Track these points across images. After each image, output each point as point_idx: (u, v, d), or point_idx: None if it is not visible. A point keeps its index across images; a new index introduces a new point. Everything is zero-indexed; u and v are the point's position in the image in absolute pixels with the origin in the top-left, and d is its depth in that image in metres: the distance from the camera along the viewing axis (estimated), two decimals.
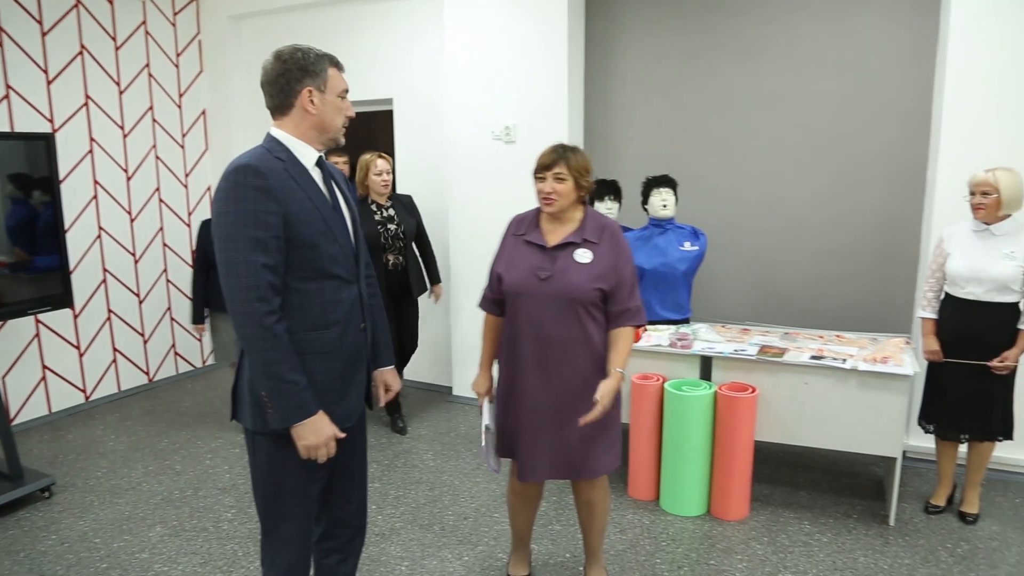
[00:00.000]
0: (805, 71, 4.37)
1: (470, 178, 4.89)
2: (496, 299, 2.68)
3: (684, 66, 4.67)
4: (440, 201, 5.06)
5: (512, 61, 4.71)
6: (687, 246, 3.91)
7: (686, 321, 4.03)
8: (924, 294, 3.46)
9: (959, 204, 3.39)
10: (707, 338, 3.79)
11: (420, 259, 4.63)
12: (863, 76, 4.23)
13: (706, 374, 3.65)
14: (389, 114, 5.46)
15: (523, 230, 2.62)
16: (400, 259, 4.43)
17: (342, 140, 2.16)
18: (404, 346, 4.66)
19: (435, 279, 4.76)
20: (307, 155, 2.06)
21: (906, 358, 3.40)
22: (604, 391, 2.44)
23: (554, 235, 2.56)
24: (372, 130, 5.51)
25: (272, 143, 2.04)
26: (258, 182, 1.90)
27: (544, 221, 2.61)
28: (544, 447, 2.60)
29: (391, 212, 4.42)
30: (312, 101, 2.01)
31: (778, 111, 4.47)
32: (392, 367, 2.45)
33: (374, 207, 4.35)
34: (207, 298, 4.46)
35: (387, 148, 5.28)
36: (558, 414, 2.56)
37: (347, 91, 2.09)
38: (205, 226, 4.31)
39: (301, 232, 1.97)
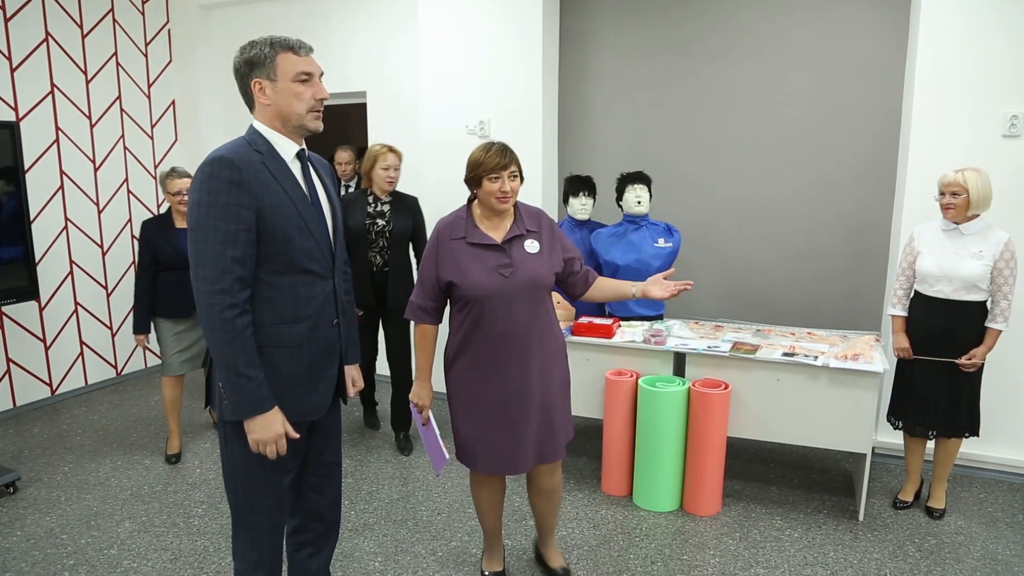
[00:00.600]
0: (779, 68, 4.40)
1: (443, 172, 4.86)
2: (434, 308, 2.65)
3: (659, 62, 4.68)
4: (412, 192, 5.01)
5: (487, 55, 4.69)
6: (661, 243, 3.92)
7: (660, 317, 4.04)
8: (894, 292, 3.50)
9: (929, 204, 3.44)
10: (681, 334, 3.81)
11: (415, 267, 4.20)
12: (837, 74, 4.27)
13: (679, 370, 3.66)
14: (363, 107, 5.41)
15: (461, 233, 2.60)
16: (382, 260, 4.10)
17: (312, 126, 2.07)
18: (395, 362, 4.28)
19: None
20: (286, 148, 2.05)
21: (876, 355, 3.44)
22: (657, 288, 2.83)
23: (498, 231, 2.61)
24: (346, 123, 5.46)
25: (253, 135, 2.04)
26: (231, 175, 1.90)
27: (480, 220, 2.63)
28: (525, 439, 2.63)
29: (385, 208, 4.11)
30: (264, 92, 2.00)
31: (753, 108, 4.49)
32: (356, 365, 2.43)
33: (371, 199, 4.13)
34: (153, 304, 4.04)
35: (360, 141, 5.23)
36: (540, 401, 2.63)
37: (307, 73, 2.01)
38: (148, 226, 4.00)
39: (275, 225, 1.96)
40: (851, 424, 3.35)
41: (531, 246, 2.60)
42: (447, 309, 2.70)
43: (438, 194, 4.88)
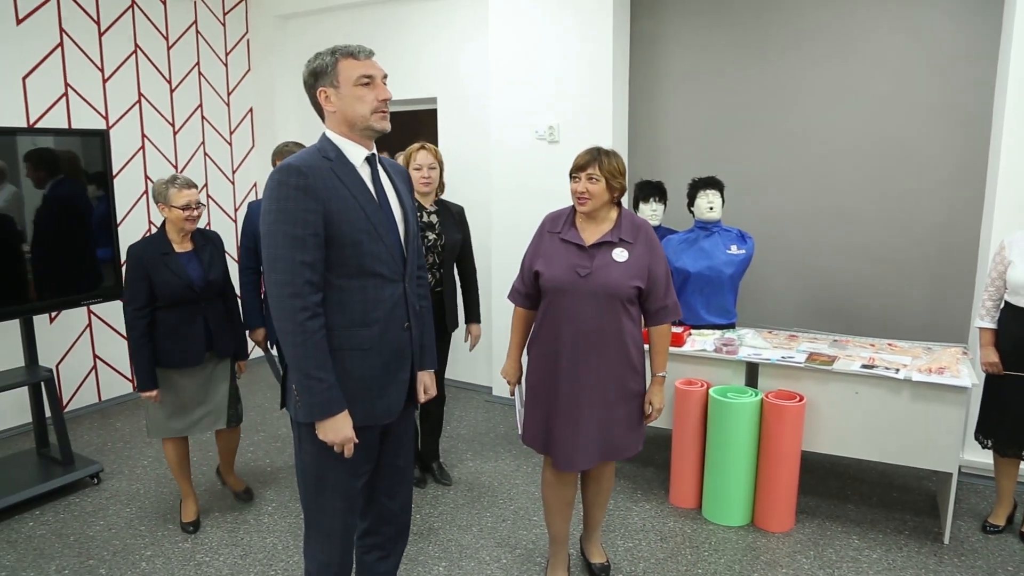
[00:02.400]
0: (860, 68, 4.24)
1: (513, 177, 4.86)
2: (528, 293, 2.79)
3: (732, 64, 4.58)
4: (482, 200, 5.04)
5: (556, 60, 4.67)
6: (734, 249, 3.82)
7: (732, 326, 3.94)
8: (983, 303, 3.32)
9: (1021, 210, 3.25)
10: (753, 344, 3.70)
11: (459, 287, 3.84)
12: (922, 73, 4.09)
13: (752, 381, 3.56)
14: (433, 113, 5.47)
15: (559, 228, 2.71)
16: (433, 280, 3.59)
17: (379, 127, 2.08)
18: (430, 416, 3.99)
19: (473, 316, 3.86)
20: (355, 153, 2.09)
21: (963, 369, 3.27)
22: (657, 398, 2.79)
23: (591, 234, 2.66)
24: (416, 129, 5.52)
25: (324, 143, 2.10)
26: (299, 181, 1.95)
27: (580, 220, 2.70)
28: (580, 436, 2.68)
29: (432, 219, 3.60)
30: (329, 99, 2.06)
31: (831, 110, 4.34)
32: (431, 372, 2.43)
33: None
34: (154, 352, 3.24)
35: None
36: (592, 402, 2.66)
37: (368, 76, 2.04)
38: (140, 252, 3.20)
39: (342, 230, 2.00)
40: (936, 441, 3.19)
41: (619, 254, 2.62)
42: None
43: (507, 199, 4.89)
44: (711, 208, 3.81)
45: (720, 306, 3.87)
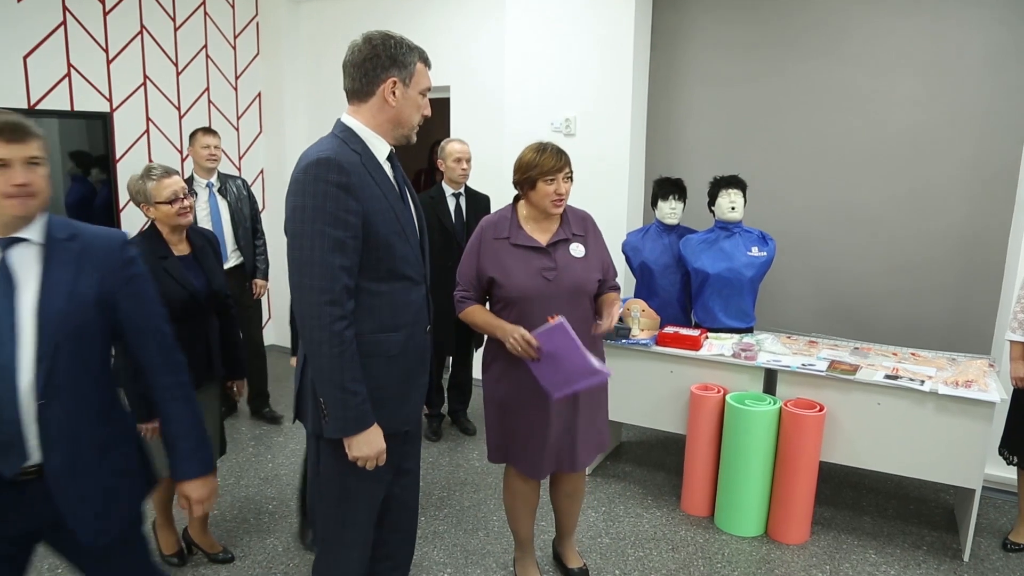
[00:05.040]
0: (885, 68, 4.11)
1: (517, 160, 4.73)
2: (476, 296, 2.63)
3: (755, 60, 4.45)
4: (495, 193, 4.91)
5: (575, 51, 4.55)
6: (755, 251, 3.71)
7: (750, 330, 3.83)
8: (1013, 315, 3.20)
9: None
10: (772, 349, 3.59)
11: None
12: (950, 76, 3.95)
13: (770, 388, 3.46)
14: (446, 103, 5.34)
15: (505, 233, 2.58)
16: None
17: (414, 139, 2.08)
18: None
19: None
20: (380, 148, 2.00)
21: (991, 383, 3.15)
22: (610, 305, 2.60)
23: (542, 234, 2.59)
24: (428, 119, 5.40)
25: (346, 133, 1.96)
26: (340, 178, 1.83)
27: (525, 222, 2.61)
28: (561, 441, 2.65)
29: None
30: (394, 92, 1.94)
31: (855, 111, 4.21)
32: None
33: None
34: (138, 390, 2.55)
35: (442, 137, 5.16)
36: (575, 406, 2.62)
37: (429, 89, 2.02)
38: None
39: (378, 231, 1.91)
40: (960, 456, 3.08)
41: (576, 250, 2.58)
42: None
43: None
44: (733, 208, 3.69)
45: (739, 309, 3.76)
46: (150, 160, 5.22)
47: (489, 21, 4.99)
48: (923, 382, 3.15)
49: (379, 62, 1.91)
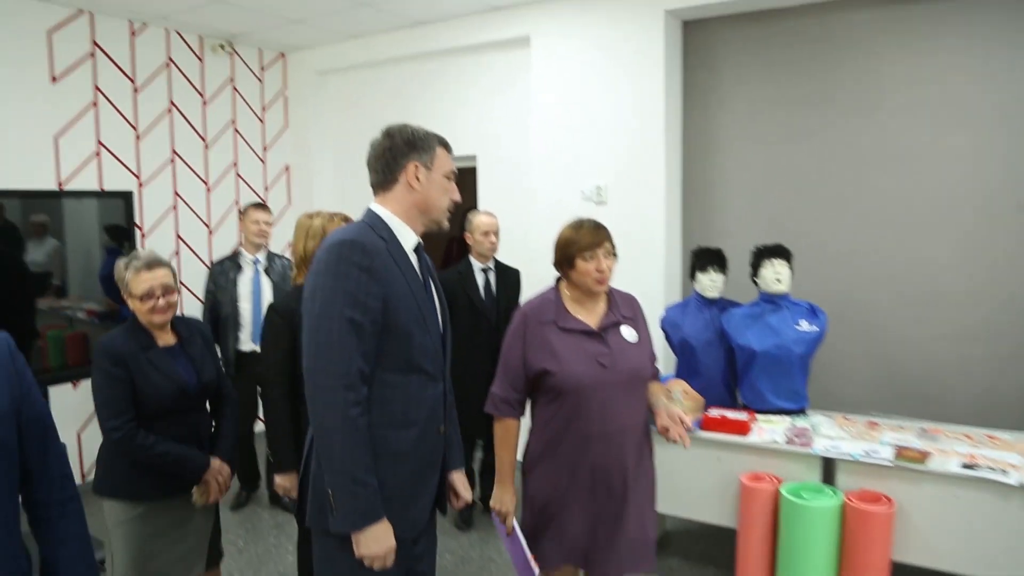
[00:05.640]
0: (937, 123, 3.86)
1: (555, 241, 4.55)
2: (519, 400, 2.41)
3: (794, 118, 4.24)
4: (523, 266, 4.73)
5: (604, 115, 4.41)
6: (804, 325, 3.43)
7: (802, 411, 3.52)
8: None
9: None
10: (829, 433, 3.28)
11: None
12: (1008, 128, 3.69)
13: (829, 477, 3.14)
14: (472, 172, 5.22)
15: (550, 316, 2.38)
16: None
17: (446, 223, 2.04)
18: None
19: None
20: (407, 238, 1.96)
21: None
22: (678, 412, 2.39)
23: (591, 316, 2.41)
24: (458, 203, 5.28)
25: (374, 219, 1.93)
26: (363, 260, 1.80)
27: (571, 304, 2.42)
28: (619, 543, 2.39)
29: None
30: (417, 177, 1.92)
31: (905, 167, 3.95)
32: (462, 470, 2.20)
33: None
34: (126, 477, 2.48)
35: (470, 208, 5.03)
36: (632, 504, 2.38)
37: (454, 173, 2.02)
38: (115, 346, 2.45)
39: (398, 319, 1.85)
40: None
41: (629, 334, 2.41)
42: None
43: (550, 265, 4.57)
44: (779, 280, 3.43)
45: (789, 389, 3.46)
46: (177, 235, 5.17)
47: (514, 86, 4.90)
48: (1006, 472, 2.81)
49: (399, 150, 1.92)
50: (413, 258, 1.96)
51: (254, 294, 4.20)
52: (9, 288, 3.85)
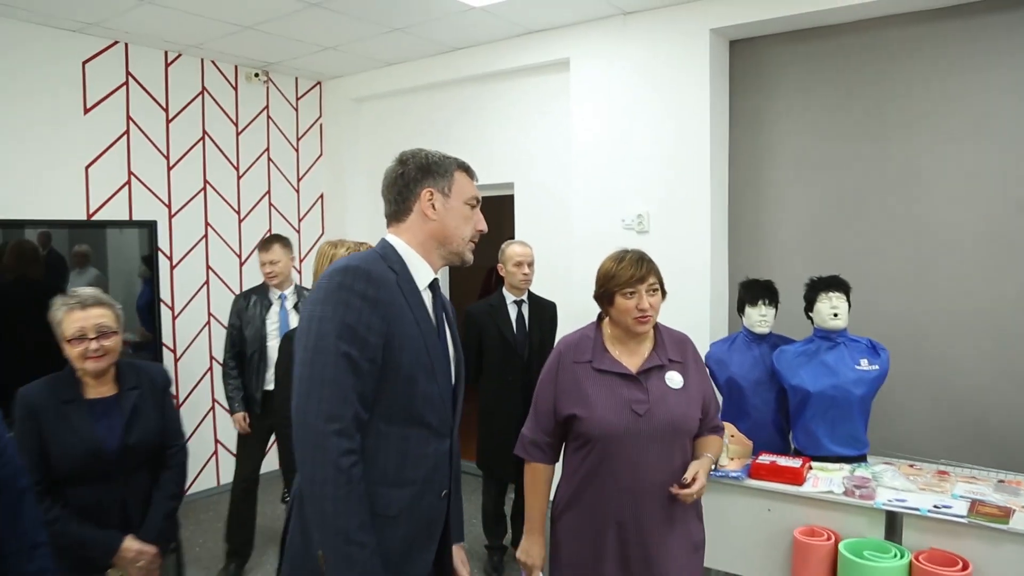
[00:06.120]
0: (1005, 143, 3.57)
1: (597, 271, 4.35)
2: (551, 443, 2.25)
3: (848, 141, 3.98)
4: (563, 297, 4.53)
5: (646, 141, 4.22)
6: (864, 364, 3.15)
7: (863, 458, 3.22)
8: None
9: None
10: (893, 484, 2.97)
11: None
12: None
13: (893, 534, 2.83)
14: (510, 200, 5.05)
15: (588, 356, 2.20)
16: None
17: (468, 257, 1.84)
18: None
19: None
20: (422, 273, 1.77)
21: None
22: (698, 468, 2.13)
23: (632, 358, 2.20)
24: (491, 218, 5.11)
25: (387, 249, 1.73)
26: (367, 290, 1.61)
27: (611, 343, 2.23)
28: None
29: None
30: (433, 205, 1.72)
31: (972, 192, 3.66)
32: (462, 544, 1.96)
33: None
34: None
35: (508, 237, 4.87)
36: (660, 569, 2.14)
37: (478, 200, 1.84)
38: (31, 399, 2.23)
39: (400, 361, 1.63)
40: None
41: (673, 380, 2.17)
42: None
43: (590, 299, 4.36)
44: (836, 315, 3.16)
45: (848, 434, 3.17)
46: (208, 266, 5.10)
47: (553, 111, 4.75)
48: None
49: (411, 176, 1.76)
50: (427, 296, 1.78)
51: (281, 331, 3.92)
52: None
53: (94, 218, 4.48)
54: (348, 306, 1.59)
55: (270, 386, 3.88)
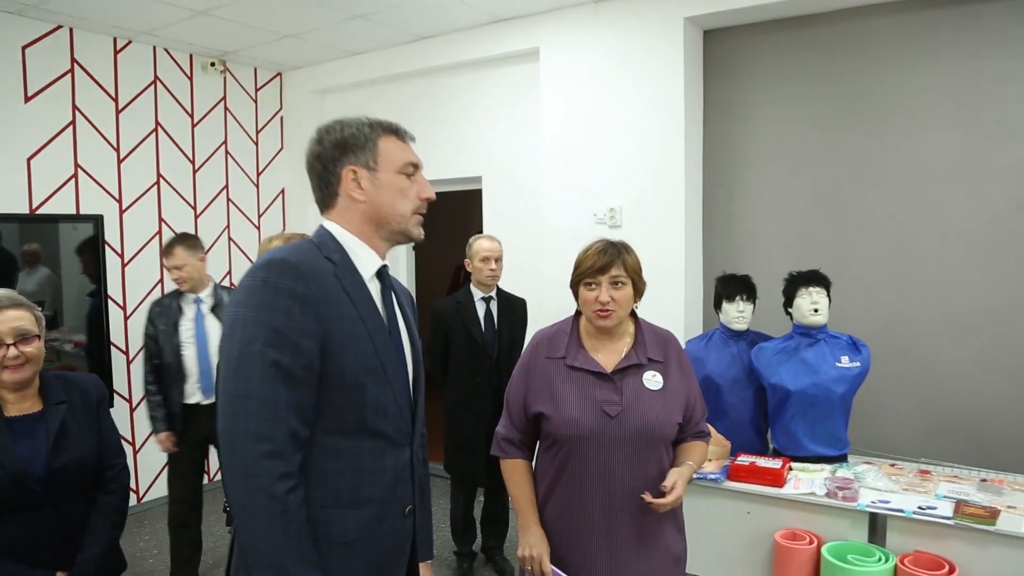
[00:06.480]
0: (982, 133, 3.51)
1: (568, 268, 4.19)
2: (523, 440, 2.13)
3: (825, 133, 3.89)
4: (533, 294, 4.38)
5: (618, 132, 4.10)
6: (845, 361, 3.05)
7: (843, 458, 3.13)
8: None
9: None
10: (876, 485, 2.87)
11: None
12: None
13: (876, 535, 2.73)
14: (477, 194, 4.89)
15: (562, 351, 2.07)
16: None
17: (415, 233, 1.61)
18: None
19: None
20: (367, 261, 1.56)
21: None
22: (677, 477, 1.97)
23: (608, 356, 2.06)
24: (458, 213, 4.97)
25: (324, 237, 1.52)
26: (295, 287, 1.39)
27: (587, 338, 2.10)
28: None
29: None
30: (359, 184, 1.50)
31: (949, 185, 3.59)
32: (429, 562, 1.76)
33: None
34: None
35: (476, 232, 4.72)
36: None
37: (415, 165, 1.60)
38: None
39: (342, 366, 1.42)
40: None
41: (652, 380, 2.02)
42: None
43: (560, 293, 4.21)
44: (816, 310, 3.05)
45: (829, 433, 3.07)
46: (161, 264, 4.85)
47: (522, 102, 4.60)
48: None
49: (330, 155, 1.53)
50: (375, 287, 1.57)
51: (198, 338, 3.55)
52: None
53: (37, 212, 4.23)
54: (274, 307, 1.37)
55: (192, 399, 3.55)
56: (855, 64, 3.79)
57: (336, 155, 1.52)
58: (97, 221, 3.77)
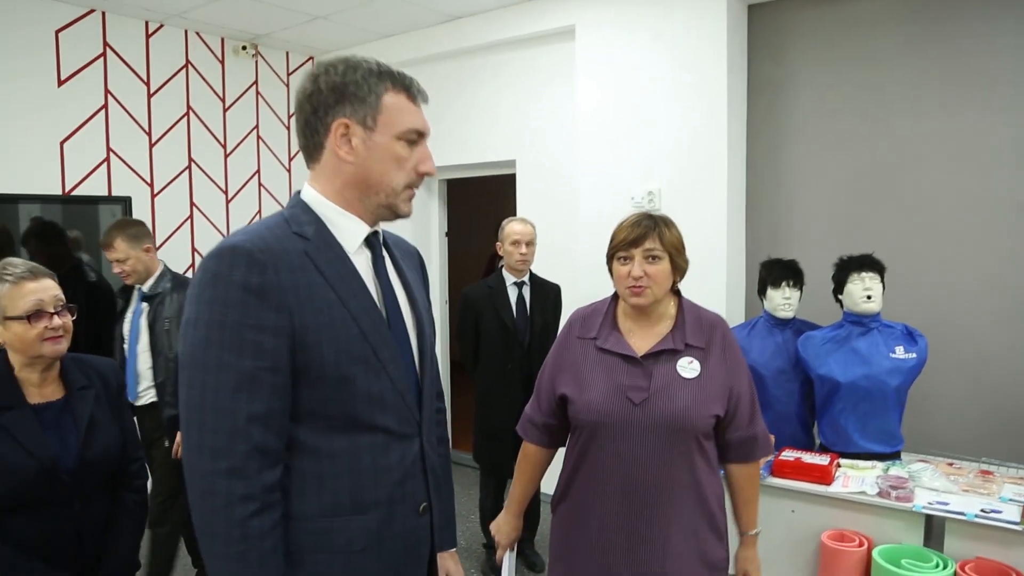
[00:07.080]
0: None
1: (604, 253, 4.07)
2: (546, 424, 2.02)
3: (876, 112, 3.69)
4: (567, 279, 4.25)
5: (657, 113, 3.95)
6: (900, 352, 2.86)
7: (897, 455, 2.94)
8: None
9: None
10: (933, 485, 2.68)
11: None
12: None
13: (932, 539, 2.56)
14: (511, 179, 4.77)
15: (594, 332, 1.94)
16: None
17: (404, 209, 1.38)
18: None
19: None
20: (349, 231, 1.34)
21: None
22: (752, 565, 1.98)
23: (642, 339, 1.91)
24: (491, 198, 4.85)
25: (295, 208, 1.32)
26: (248, 277, 1.19)
27: (624, 319, 1.96)
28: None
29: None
30: (349, 141, 1.28)
31: (1011, 166, 3.37)
32: (453, 550, 1.64)
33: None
34: None
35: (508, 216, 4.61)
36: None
37: (420, 133, 1.35)
38: None
39: (322, 357, 1.24)
40: None
41: (687, 368, 1.85)
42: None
43: (597, 279, 4.07)
44: (869, 297, 2.86)
45: (881, 429, 2.89)
46: (193, 247, 4.84)
47: (557, 83, 4.46)
48: None
49: (320, 100, 1.29)
50: (362, 259, 1.36)
51: (132, 335, 3.20)
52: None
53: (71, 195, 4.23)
54: (226, 303, 1.20)
55: (143, 400, 3.23)
56: (911, 42, 3.58)
57: (330, 101, 1.29)
58: (126, 203, 3.75)
